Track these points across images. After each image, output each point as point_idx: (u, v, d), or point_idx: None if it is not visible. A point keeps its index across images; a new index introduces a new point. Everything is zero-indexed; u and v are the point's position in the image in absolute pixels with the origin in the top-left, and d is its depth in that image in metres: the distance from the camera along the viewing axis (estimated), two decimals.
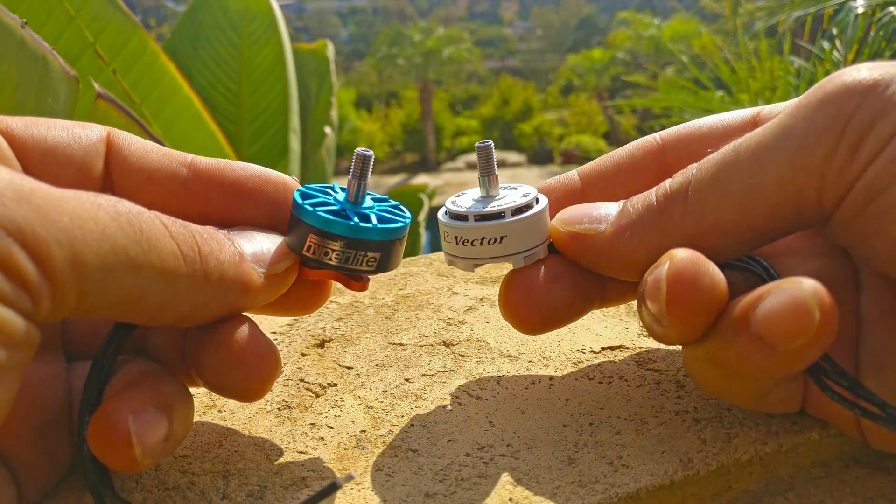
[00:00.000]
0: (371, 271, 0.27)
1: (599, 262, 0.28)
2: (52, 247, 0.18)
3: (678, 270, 0.23)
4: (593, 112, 12.50)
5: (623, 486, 0.25)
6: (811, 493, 0.27)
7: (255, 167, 0.28)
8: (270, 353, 0.25)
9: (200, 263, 0.23)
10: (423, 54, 13.39)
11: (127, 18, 1.49)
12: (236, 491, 0.26)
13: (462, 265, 0.30)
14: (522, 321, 0.29)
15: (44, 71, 0.78)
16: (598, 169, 0.31)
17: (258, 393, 0.25)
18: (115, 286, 0.20)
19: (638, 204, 0.28)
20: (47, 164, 0.25)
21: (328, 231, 0.26)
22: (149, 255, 0.21)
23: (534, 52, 31.51)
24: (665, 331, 0.25)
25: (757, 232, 0.25)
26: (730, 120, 0.30)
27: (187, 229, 0.23)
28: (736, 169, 0.25)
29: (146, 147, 0.27)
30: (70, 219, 0.19)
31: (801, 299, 0.21)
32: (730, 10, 5.30)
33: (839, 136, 0.23)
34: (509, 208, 0.29)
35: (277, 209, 0.28)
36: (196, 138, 1.77)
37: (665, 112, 2.70)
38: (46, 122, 0.26)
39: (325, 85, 2.80)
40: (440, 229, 0.30)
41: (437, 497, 0.25)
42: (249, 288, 0.25)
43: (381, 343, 0.36)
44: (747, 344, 0.23)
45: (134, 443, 0.22)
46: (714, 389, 0.27)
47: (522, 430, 0.29)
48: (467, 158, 11.01)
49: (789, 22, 1.93)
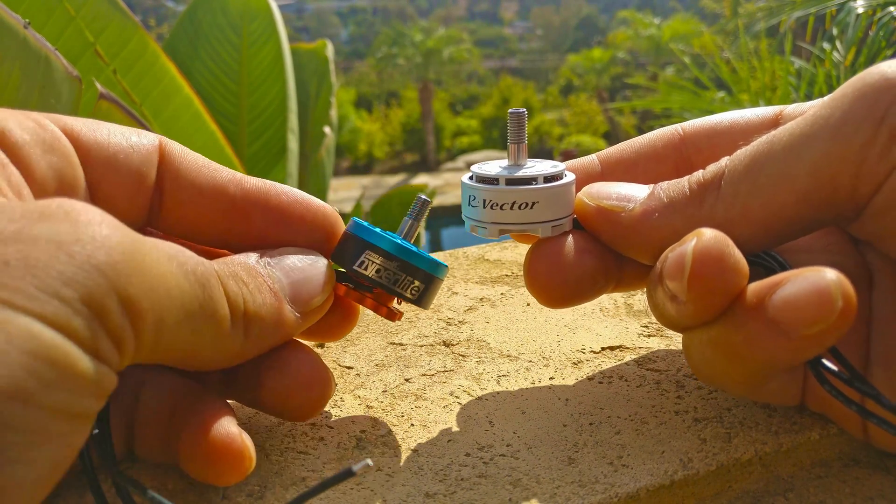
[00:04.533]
0: (412, 300, 0.28)
1: (623, 239, 0.28)
2: (147, 313, 0.20)
3: (706, 247, 0.23)
4: (593, 112, 12.50)
5: (623, 486, 0.25)
6: (811, 493, 0.27)
7: (300, 194, 0.29)
8: (330, 379, 0.28)
9: (243, 323, 0.24)
10: (423, 54, 13.38)
11: (127, 18, 1.49)
12: (236, 491, 0.26)
13: (487, 231, 0.30)
14: (548, 291, 0.29)
15: (46, 71, 0.78)
16: (618, 154, 0.32)
17: (314, 413, 0.28)
18: (179, 343, 0.22)
19: (669, 189, 0.28)
20: (107, 171, 0.26)
21: (387, 250, 0.27)
22: (208, 320, 0.22)
23: (534, 52, 31.50)
24: (679, 309, 0.24)
25: (786, 222, 0.25)
26: (751, 117, 0.30)
27: (238, 284, 0.24)
28: (769, 159, 0.25)
29: (197, 161, 0.28)
30: (165, 288, 0.20)
31: (825, 287, 0.21)
32: (730, 10, 5.30)
33: (878, 124, 0.23)
34: (542, 175, 0.29)
35: (316, 236, 0.28)
36: (196, 138, 1.77)
37: (665, 112, 2.70)
38: (107, 126, 0.26)
39: (325, 85, 2.80)
40: (464, 194, 0.30)
41: (437, 497, 0.25)
42: (287, 330, 0.26)
43: (381, 343, 0.36)
44: (759, 328, 0.23)
45: (251, 455, 0.24)
46: (711, 374, 0.27)
47: (522, 430, 0.29)
48: (467, 158, 11.01)
49: (790, 22, 1.93)
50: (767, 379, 0.26)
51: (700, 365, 0.27)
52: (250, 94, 2.47)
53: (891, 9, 1.64)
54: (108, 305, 0.18)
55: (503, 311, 0.40)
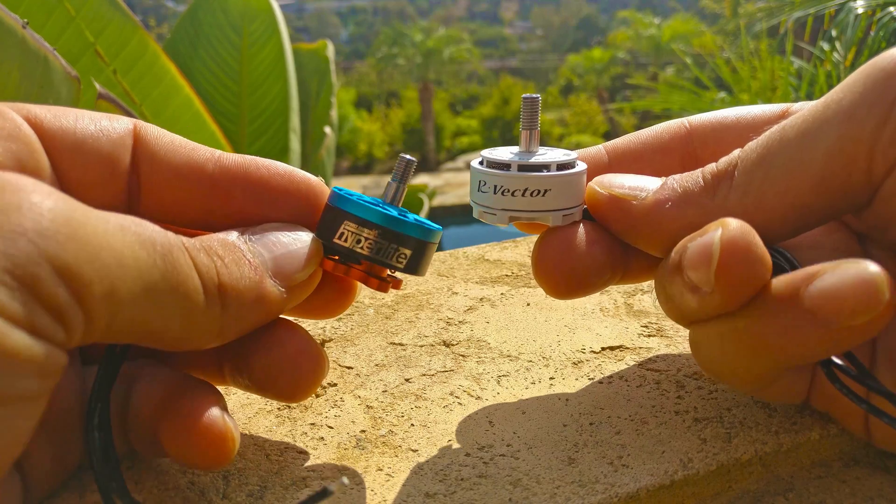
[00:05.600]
0: (400, 268, 0.27)
1: (634, 229, 0.28)
2: (93, 284, 0.18)
3: (734, 237, 0.23)
4: (593, 112, 12.50)
5: (623, 486, 0.25)
6: (811, 493, 0.27)
7: (281, 166, 0.27)
8: (322, 355, 0.26)
9: (219, 297, 0.23)
10: (423, 54, 13.38)
11: (127, 18, 1.49)
12: (236, 491, 0.26)
13: (497, 218, 0.29)
14: (556, 280, 0.29)
15: (45, 71, 0.78)
16: (625, 146, 0.32)
17: (307, 394, 0.26)
18: (142, 318, 0.20)
19: (683, 180, 0.28)
20: (75, 157, 0.25)
21: (365, 218, 0.26)
22: (175, 292, 0.21)
23: (534, 52, 31.49)
24: (702, 300, 0.24)
25: (801, 210, 0.25)
26: (759, 112, 0.30)
27: (210, 257, 0.23)
28: (783, 146, 0.25)
29: (174, 141, 0.27)
30: (113, 256, 0.19)
31: (871, 278, 0.21)
32: (730, 10, 5.30)
33: (891, 105, 0.23)
34: (555, 162, 0.28)
35: (302, 209, 0.27)
36: (196, 138, 1.77)
37: (665, 113, 2.70)
38: (74, 112, 0.25)
39: (325, 85, 2.80)
40: (474, 179, 0.29)
41: (437, 497, 0.25)
42: (270, 306, 0.25)
43: (381, 343, 0.36)
44: (795, 319, 0.23)
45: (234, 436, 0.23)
46: (723, 369, 0.26)
47: (522, 430, 0.29)
48: (467, 158, 11.01)
49: (790, 22, 1.93)
50: (783, 374, 0.26)
51: (712, 359, 0.26)
52: (251, 94, 2.48)
53: (891, 9, 1.64)
54: (40, 275, 0.17)
55: (503, 311, 0.40)
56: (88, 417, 0.24)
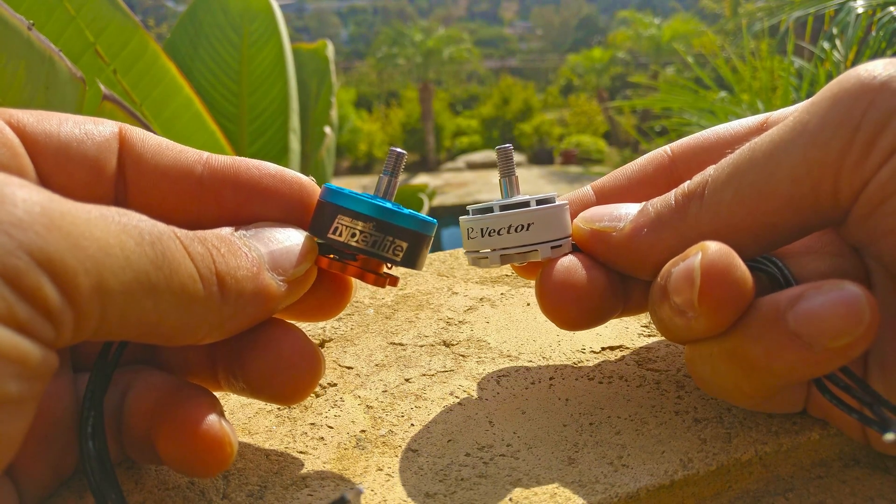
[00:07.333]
0: (397, 261, 0.27)
1: (617, 258, 0.29)
2: (79, 276, 0.17)
3: (712, 261, 0.23)
4: (593, 112, 12.50)
5: (623, 486, 0.25)
6: (811, 493, 0.27)
7: (271, 166, 0.27)
8: (318, 356, 0.26)
9: (217, 286, 0.22)
10: (423, 54, 13.38)
11: (127, 18, 1.49)
12: (236, 491, 0.26)
13: (489, 261, 0.30)
14: (564, 310, 0.29)
15: (51, 71, 0.78)
16: (612, 183, 0.32)
17: (304, 395, 0.26)
18: (135, 311, 0.19)
19: (657, 204, 0.28)
20: (60, 161, 0.24)
21: (359, 211, 0.26)
22: (169, 281, 0.20)
23: (534, 52, 31.50)
24: (689, 323, 0.24)
25: (772, 229, 0.25)
26: (738, 128, 0.30)
27: (205, 246, 0.22)
28: (750, 166, 0.25)
29: (161, 144, 0.26)
30: (97, 246, 0.18)
31: (853, 300, 0.22)
32: (730, 10, 5.30)
33: (854, 130, 0.23)
34: (534, 199, 0.30)
35: (292, 209, 0.27)
36: (196, 138, 1.77)
37: (665, 112, 2.70)
38: (58, 116, 0.25)
39: (325, 85, 2.80)
40: (463, 230, 0.31)
41: (437, 497, 0.25)
42: (269, 299, 0.24)
43: (381, 343, 0.36)
44: (779, 340, 0.23)
45: (231, 441, 0.23)
46: (720, 387, 0.27)
47: (522, 430, 0.29)
48: (467, 158, 11.01)
49: (790, 22, 1.93)
50: (779, 391, 0.26)
51: (707, 377, 0.27)
52: (251, 94, 2.48)
53: (891, 9, 1.64)
54: (19, 266, 0.16)
55: (503, 311, 0.40)
56: (82, 426, 0.23)
